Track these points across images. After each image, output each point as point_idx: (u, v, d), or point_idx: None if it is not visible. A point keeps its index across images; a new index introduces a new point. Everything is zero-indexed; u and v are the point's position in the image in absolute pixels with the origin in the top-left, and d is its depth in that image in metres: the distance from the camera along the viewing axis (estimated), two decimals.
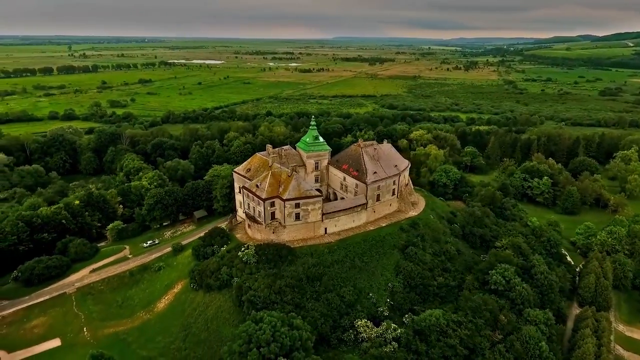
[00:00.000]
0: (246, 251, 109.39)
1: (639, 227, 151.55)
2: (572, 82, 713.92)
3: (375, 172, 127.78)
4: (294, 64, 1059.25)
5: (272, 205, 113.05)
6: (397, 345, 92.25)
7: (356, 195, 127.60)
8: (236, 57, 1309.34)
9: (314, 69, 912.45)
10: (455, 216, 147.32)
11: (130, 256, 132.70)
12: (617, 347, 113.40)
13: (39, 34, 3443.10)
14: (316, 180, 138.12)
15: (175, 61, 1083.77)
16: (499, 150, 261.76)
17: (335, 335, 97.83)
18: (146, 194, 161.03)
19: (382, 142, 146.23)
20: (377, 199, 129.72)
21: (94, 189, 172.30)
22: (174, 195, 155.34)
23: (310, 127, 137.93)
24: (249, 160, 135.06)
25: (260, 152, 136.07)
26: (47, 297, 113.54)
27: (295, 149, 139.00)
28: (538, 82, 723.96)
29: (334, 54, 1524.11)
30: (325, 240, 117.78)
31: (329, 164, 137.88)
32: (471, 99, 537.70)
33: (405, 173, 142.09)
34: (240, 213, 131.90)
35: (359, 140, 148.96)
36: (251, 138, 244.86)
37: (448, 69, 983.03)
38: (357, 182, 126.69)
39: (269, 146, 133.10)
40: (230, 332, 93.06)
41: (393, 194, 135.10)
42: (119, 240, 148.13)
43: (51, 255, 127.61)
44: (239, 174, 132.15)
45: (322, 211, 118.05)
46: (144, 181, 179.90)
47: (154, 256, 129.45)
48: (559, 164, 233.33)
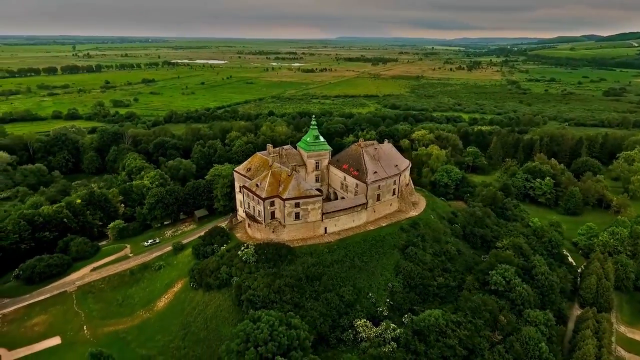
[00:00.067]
0: (246, 250, 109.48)
1: None
2: (575, 83, 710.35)
3: (375, 172, 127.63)
4: (296, 64, 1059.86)
5: (271, 204, 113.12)
6: (396, 345, 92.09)
7: (356, 195, 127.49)
8: (239, 57, 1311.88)
9: (316, 69, 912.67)
10: (456, 216, 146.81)
11: (131, 255, 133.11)
12: (619, 348, 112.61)
13: (43, 34, 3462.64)
14: (317, 180, 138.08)
15: (179, 61, 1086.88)
16: (501, 150, 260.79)
17: (335, 335, 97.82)
18: (147, 193, 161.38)
19: (383, 141, 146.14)
20: (378, 199, 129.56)
21: (95, 188, 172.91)
22: (174, 195, 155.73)
23: (311, 127, 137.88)
24: (249, 159, 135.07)
25: (261, 152, 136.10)
26: (48, 296, 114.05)
27: (296, 148, 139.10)
28: (541, 82, 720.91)
29: (336, 54, 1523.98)
30: (325, 239, 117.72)
31: (329, 163, 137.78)
32: (474, 99, 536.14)
33: (406, 173, 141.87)
34: (241, 212, 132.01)
35: (360, 140, 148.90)
36: (253, 138, 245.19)
37: (451, 69, 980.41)
38: (358, 182, 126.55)
39: (269, 146, 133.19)
40: (229, 331, 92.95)
41: (393, 193, 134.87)
42: (120, 239, 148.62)
43: (52, 253, 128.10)
44: (239, 173, 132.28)
45: (322, 211, 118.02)
46: (146, 180, 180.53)
47: (154, 255, 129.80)
48: (562, 164, 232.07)
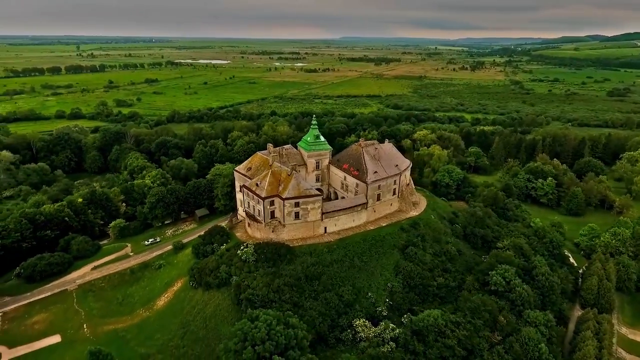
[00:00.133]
0: (245, 250, 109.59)
1: None
2: (579, 83, 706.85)
3: (375, 172, 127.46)
4: (299, 64, 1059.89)
5: (271, 204, 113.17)
6: (395, 345, 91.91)
7: (357, 195, 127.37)
8: (242, 57, 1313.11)
9: (319, 69, 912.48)
10: (457, 216, 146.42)
11: (131, 254, 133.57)
12: (620, 349, 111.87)
13: (48, 34, 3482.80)
14: (317, 180, 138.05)
15: (182, 61, 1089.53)
16: (504, 150, 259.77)
17: (333, 334, 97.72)
18: (149, 192, 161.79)
19: (384, 141, 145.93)
20: (378, 199, 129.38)
21: (97, 187, 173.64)
22: (175, 194, 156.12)
23: (312, 127, 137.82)
24: (250, 159, 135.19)
25: (262, 151, 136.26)
26: (49, 294, 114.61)
27: (297, 148, 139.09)
28: (545, 83, 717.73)
29: (339, 54, 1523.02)
30: (324, 239, 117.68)
31: (330, 163, 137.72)
32: (477, 99, 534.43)
33: (407, 173, 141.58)
34: (241, 212, 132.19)
35: (360, 139, 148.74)
36: (255, 137, 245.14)
37: (454, 69, 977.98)
38: (358, 182, 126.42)
39: (269, 145, 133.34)
40: (228, 330, 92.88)
41: (394, 193, 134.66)
42: (121, 238, 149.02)
43: (53, 252, 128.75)
44: (239, 172, 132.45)
45: (322, 210, 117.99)
46: (147, 180, 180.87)
47: (155, 254, 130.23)
48: (564, 164, 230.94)
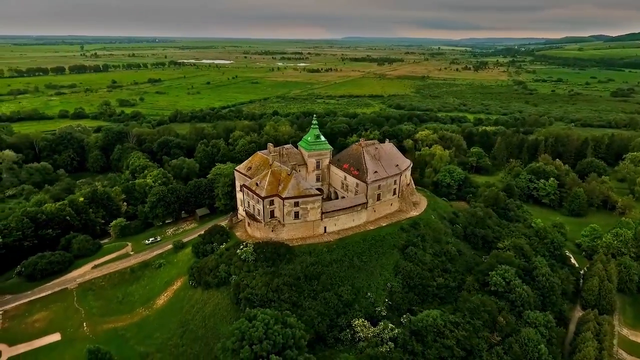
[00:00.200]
0: (245, 249, 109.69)
1: None
2: (583, 83, 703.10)
3: (376, 172, 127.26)
4: (302, 64, 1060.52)
5: (271, 203, 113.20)
6: (394, 346, 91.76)
7: (357, 195, 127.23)
8: (245, 57, 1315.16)
9: (322, 69, 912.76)
10: (458, 217, 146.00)
11: (132, 253, 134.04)
12: (621, 351, 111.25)
13: (52, 34, 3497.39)
14: (317, 179, 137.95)
15: (185, 61, 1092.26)
16: (506, 151, 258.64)
17: (332, 334, 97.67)
18: (150, 191, 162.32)
19: (384, 141, 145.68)
20: (378, 199, 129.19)
21: (99, 187, 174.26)
22: (176, 193, 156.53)
23: (312, 126, 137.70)
24: (250, 158, 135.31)
25: (262, 151, 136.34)
26: (49, 292, 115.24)
27: (298, 148, 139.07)
28: (548, 83, 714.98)
29: (342, 54, 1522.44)
30: (324, 239, 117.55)
31: (330, 163, 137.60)
32: (480, 99, 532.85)
33: (407, 173, 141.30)
34: (241, 211, 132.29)
35: (361, 139, 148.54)
36: (256, 137, 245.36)
37: (457, 69, 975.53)
38: (358, 182, 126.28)
39: (270, 145, 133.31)
40: (227, 329, 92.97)
41: (394, 193, 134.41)
42: (122, 237, 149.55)
43: (55, 251, 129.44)
44: (240, 172, 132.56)
45: (322, 210, 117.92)
46: (149, 179, 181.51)
47: (155, 253, 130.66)
48: (567, 165, 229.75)
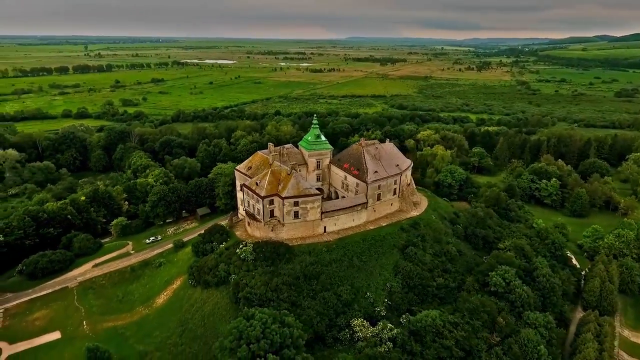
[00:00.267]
0: (244, 248, 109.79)
1: None
2: (587, 83, 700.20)
3: (376, 172, 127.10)
4: (305, 64, 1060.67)
5: (271, 203, 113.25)
6: (392, 346, 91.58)
7: (357, 195, 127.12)
8: (248, 57, 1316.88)
9: (324, 69, 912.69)
10: (458, 217, 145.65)
11: (132, 252, 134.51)
12: (621, 352, 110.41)
13: (57, 34, 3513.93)
14: (318, 179, 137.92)
15: (188, 61, 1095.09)
16: (508, 151, 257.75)
17: (331, 334, 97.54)
18: (151, 190, 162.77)
19: (385, 141, 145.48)
20: (378, 199, 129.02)
21: (101, 186, 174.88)
22: (177, 193, 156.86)
23: (313, 126, 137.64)
24: (250, 158, 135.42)
25: (262, 150, 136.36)
26: (50, 291, 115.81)
27: (298, 147, 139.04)
28: (552, 83, 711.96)
29: (345, 54, 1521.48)
30: (324, 238, 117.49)
31: (330, 162, 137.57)
32: (482, 99, 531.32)
33: (408, 172, 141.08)
34: (241, 211, 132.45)
35: (361, 139, 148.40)
36: (258, 137, 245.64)
37: (460, 69, 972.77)
38: (358, 181, 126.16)
39: (270, 144, 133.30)
40: (225, 328, 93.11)
41: (394, 193, 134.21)
42: (123, 236, 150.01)
43: (56, 249, 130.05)
44: (240, 171, 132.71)
45: (321, 210, 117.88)
46: (150, 178, 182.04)
47: (155, 252, 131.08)
48: (569, 165, 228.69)
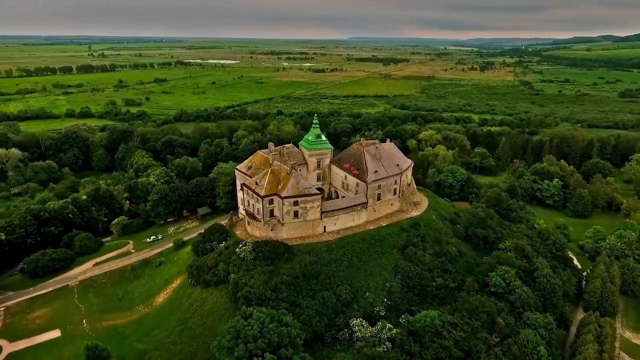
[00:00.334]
0: (243, 248, 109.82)
1: None
2: (591, 84, 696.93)
3: (376, 171, 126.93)
4: (307, 64, 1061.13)
5: (270, 202, 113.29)
6: (391, 346, 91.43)
7: (357, 194, 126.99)
8: (251, 57, 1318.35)
9: (327, 69, 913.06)
10: (459, 217, 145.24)
11: (133, 251, 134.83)
12: (622, 354, 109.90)
13: (61, 34, 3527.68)
14: (318, 179, 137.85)
15: (191, 61, 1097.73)
16: (510, 151, 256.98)
17: (330, 333, 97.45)
18: (152, 190, 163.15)
19: (385, 141, 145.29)
20: (378, 198, 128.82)
21: (103, 185, 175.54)
22: (178, 192, 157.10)
23: (313, 126, 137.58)
24: (250, 157, 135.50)
25: (262, 150, 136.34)
26: (51, 289, 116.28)
27: (299, 147, 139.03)
28: (555, 83, 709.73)
29: (348, 54, 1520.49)
30: (323, 238, 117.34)
31: (331, 162, 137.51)
32: (485, 99, 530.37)
33: (408, 172, 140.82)
34: (241, 210, 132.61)
35: (361, 139, 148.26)
36: (260, 137, 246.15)
37: (463, 69, 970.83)
38: (358, 181, 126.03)
39: (270, 144, 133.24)
40: (224, 327, 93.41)
41: (394, 193, 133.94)
42: (124, 235, 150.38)
43: (57, 248, 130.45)
44: (240, 171, 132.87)
45: (321, 209, 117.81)
46: (151, 178, 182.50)
47: (155, 251, 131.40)
48: (571, 166, 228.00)
